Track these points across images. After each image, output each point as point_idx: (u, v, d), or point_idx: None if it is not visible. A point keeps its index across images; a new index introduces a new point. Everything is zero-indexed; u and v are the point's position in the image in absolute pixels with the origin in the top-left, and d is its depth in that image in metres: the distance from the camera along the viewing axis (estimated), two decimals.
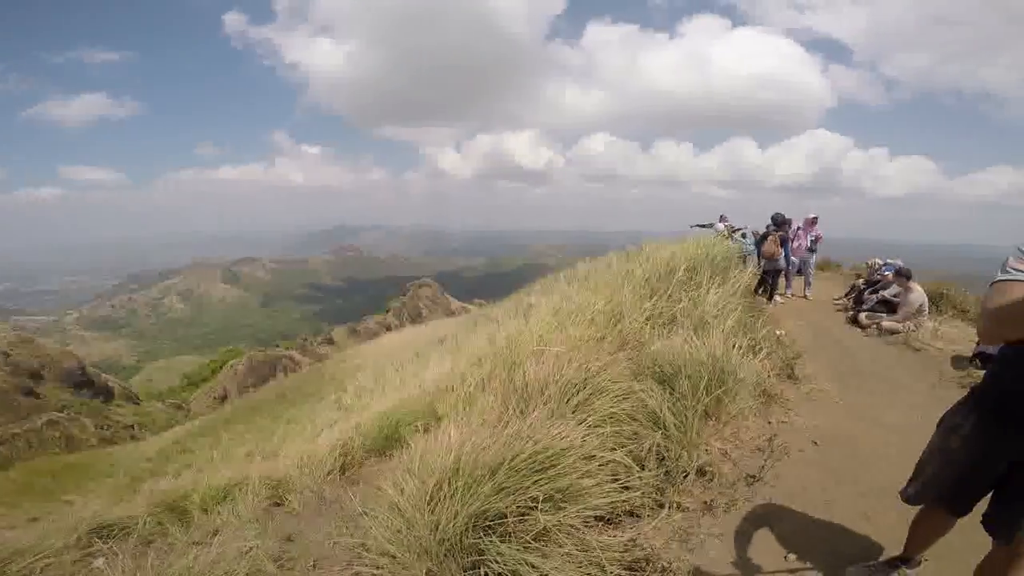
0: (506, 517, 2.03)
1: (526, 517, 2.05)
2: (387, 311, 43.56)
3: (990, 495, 1.83)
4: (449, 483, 2.09)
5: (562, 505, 2.14)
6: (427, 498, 2.09)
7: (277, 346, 40.38)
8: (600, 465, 2.45)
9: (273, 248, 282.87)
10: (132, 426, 24.35)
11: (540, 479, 2.13)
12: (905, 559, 2.22)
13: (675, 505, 2.67)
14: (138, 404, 30.36)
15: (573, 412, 2.73)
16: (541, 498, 2.07)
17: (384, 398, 5.83)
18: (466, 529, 1.99)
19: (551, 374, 3.08)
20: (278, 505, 3.82)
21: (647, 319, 4.53)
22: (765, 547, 2.47)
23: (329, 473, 3.79)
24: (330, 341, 39.04)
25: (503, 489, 2.08)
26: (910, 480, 2.05)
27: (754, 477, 3.03)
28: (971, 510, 1.90)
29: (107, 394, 28.82)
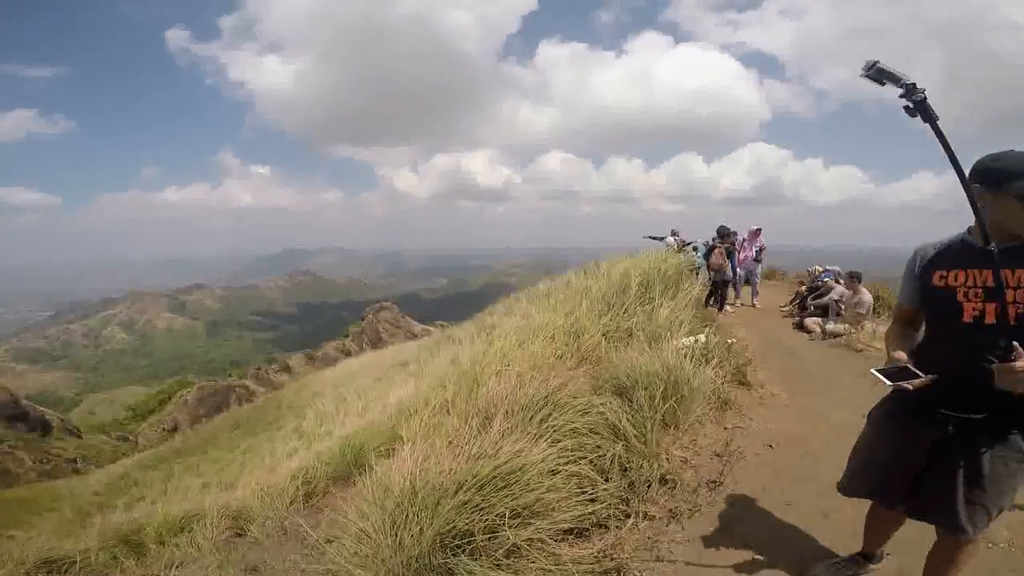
0: (474, 535, 2.04)
1: (495, 534, 2.07)
2: (346, 336, 42.52)
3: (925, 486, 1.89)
4: (410, 504, 2.10)
5: (529, 521, 2.17)
6: (389, 521, 2.09)
7: (230, 375, 38.75)
8: (565, 479, 2.49)
9: (222, 274, 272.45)
10: (75, 460, 22.83)
11: (505, 496, 2.16)
12: (866, 554, 2.30)
13: (641, 514, 2.72)
14: (80, 438, 28.49)
15: (536, 429, 2.77)
16: (507, 514, 2.09)
17: (346, 424, 5.72)
18: (432, 549, 2.00)
19: (513, 392, 3.12)
20: (240, 536, 3.69)
21: (605, 334, 4.66)
22: (732, 551, 2.53)
23: (292, 502, 3.69)
24: (286, 369, 37.73)
25: (467, 507, 2.10)
26: (844, 472, 2.15)
27: (715, 482, 3.12)
28: (899, 501, 1.97)
29: (44, 427, 26.84)
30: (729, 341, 6.01)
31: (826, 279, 8.68)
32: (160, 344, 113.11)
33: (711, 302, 9.06)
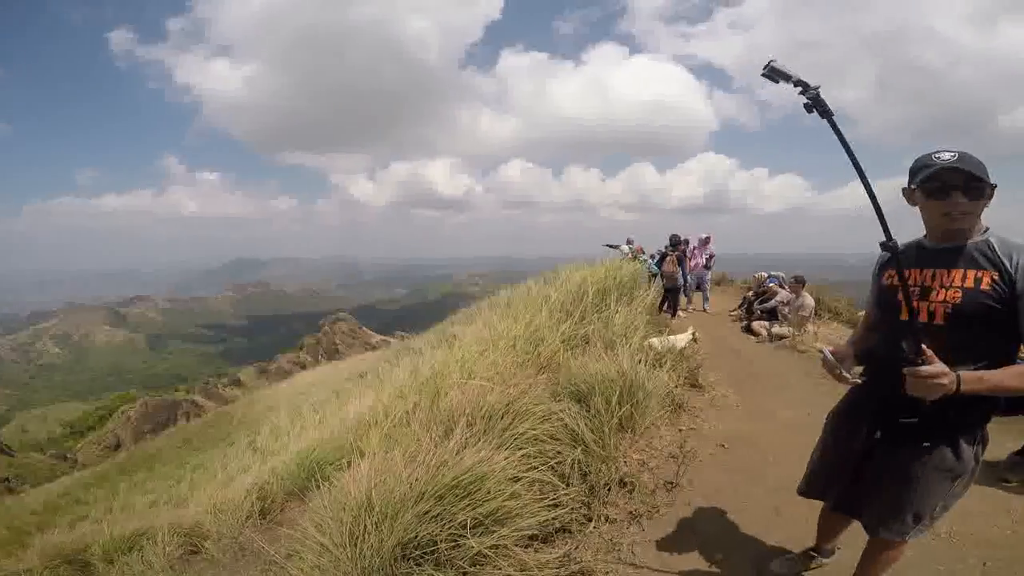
0: (437, 544, 2.05)
1: (458, 543, 2.08)
2: (300, 348, 41.24)
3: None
4: (368, 515, 2.09)
5: (493, 528, 2.19)
6: (348, 533, 2.08)
7: (176, 390, 36.91)
8: (527, 486, 2.53)
9: (166, 285, 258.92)
10: (7, 479, 21.24)
11: (466, 504, 2.18)
12: (818, 549, 2.38)
13: (602, 517, 2.78)
14: (12, 456, 26.48)
15: (497, 437, 2.80)
16: (470, 523, 2.11)
17: (303, 438, 5.56)
18: (394, 559, 1.99)
19: (474, 402, 3.14)
20: (194, 553, 3.57)
21: (563, 341, 4.75)
22: (691, 550, 2.61)
23: (248, 518, 3.58)
24: (237, 383, 36.24)
25: (428, 517, 2.11)
26: (803, 474, 2.19)
27: (671, 483, 3.21)
28: (840, 501, 2.02)
29: None
30: (691, 335, 6.24)
31: (771, 284, 9.12)
32: (98, 359, 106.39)
33: (664, 308, 9.36)
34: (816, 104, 1.44)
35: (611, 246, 11.30)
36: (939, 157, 1.56)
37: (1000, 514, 2.78)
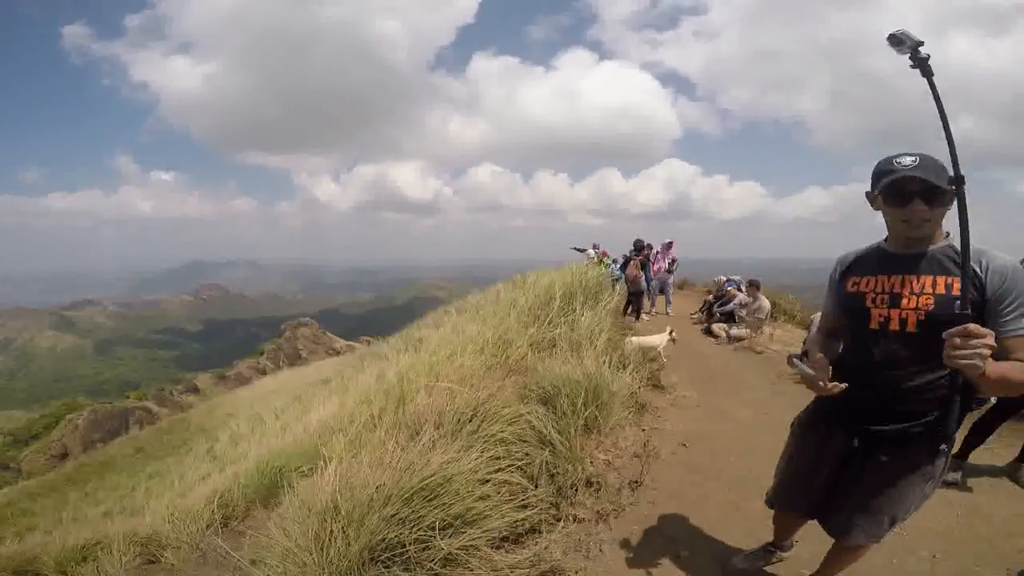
0: (405, 546, 2.06)
1: (428, 545, 2.10)
2: (260, 354, 39.97)
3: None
4: (334, 520, 2.09)
5: (462, 530, 2.21)
6: (314, 537, 2.07)
7: (127, 396, 35.20)
8: (495, 487, 2.56)
9: (117, 289, 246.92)
10: None
11: (435, 507, 2.20)
12: (776, 544, 2.43)
13: (571, 517, 2.83)
14: None
15: (465, 440, 2.82)
16: (439, 525, 2.13)
17: (264, 445, 5.43)
18: (362, 562, 1.99)
19: (442, 405, 3.16)
20: (153, 563, 3.46)
21: (531, 345, 4.81)
22: (656, 547, 2.68)
23: (209, 526, 3.49)
24: (194, 389, 34.82)
25: (396, 519, 2.12)
26: (772, 484, 2.18)
27: (636, 482, 3.28)
28: (814, 512, 2.00)
29: None
30: (670, 334, 6.41)
31: (729, 288, 9.45)
32: (42, 365, 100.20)
33: (628, 311, 9.57)
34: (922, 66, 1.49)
35: (578, 249, 11.55)
36: (900, 163, 1.55)
37: (944, 508, 2.95)
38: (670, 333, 6.49)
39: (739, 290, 9.15)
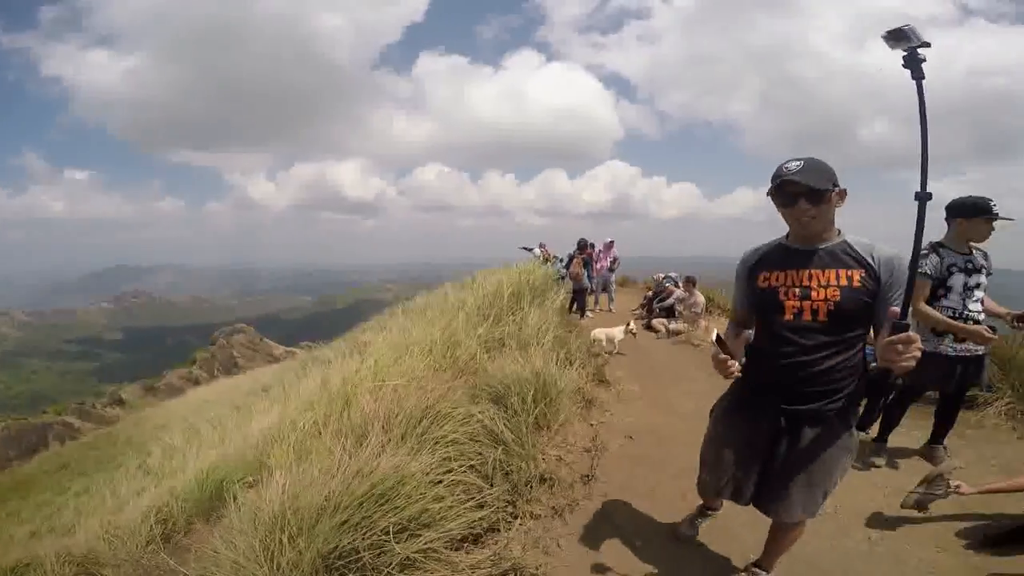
0: (360, 553, 2.02)
1: (383, 550, 2.07)
2: (192, 363, 37.60)
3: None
4: (282, 530, 2.03)
5: (418, 532, 2.20)
6: (262, 548, 2.01)
7: (45, 411, 32.05)
8: (449, 488, 2.55)
9: (26, 296, 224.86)
10: None
11: (387, 511, 2.17)
12: (709, 507, 2.64)
13: (528, 514, 2.87)
14: None
15: (415, 442, 2.80)
16: (392, 529, 2.10)
17: (202, 457, 5.15)
18: (315, 571, 1.95)
19: (390, 408, 3.12)
20: None
21: (480, 344, 4.83)
22: (611, 538, 2.75)
23: (149, 543, 3.29)
24: (119, 402, 32.23)
25: (347, 526, 2.09)
26: (699, 472, 2.29)
27: (587, 476, 3.36)
28: (747, 496, 2.06)
29: None
30: (629, 327, 6.59)
31: (667, 284, 9.86)
32: None
33: (573, 309, 9.78)
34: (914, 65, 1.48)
35: (527, 249, 11.72)
36: (787, 167, 1.72)
37: (872, 490, 3.17)
38: (628, 326, 6.76)
39: (676, 286, 9.56)
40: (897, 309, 1.49)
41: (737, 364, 1.80)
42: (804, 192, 1.71)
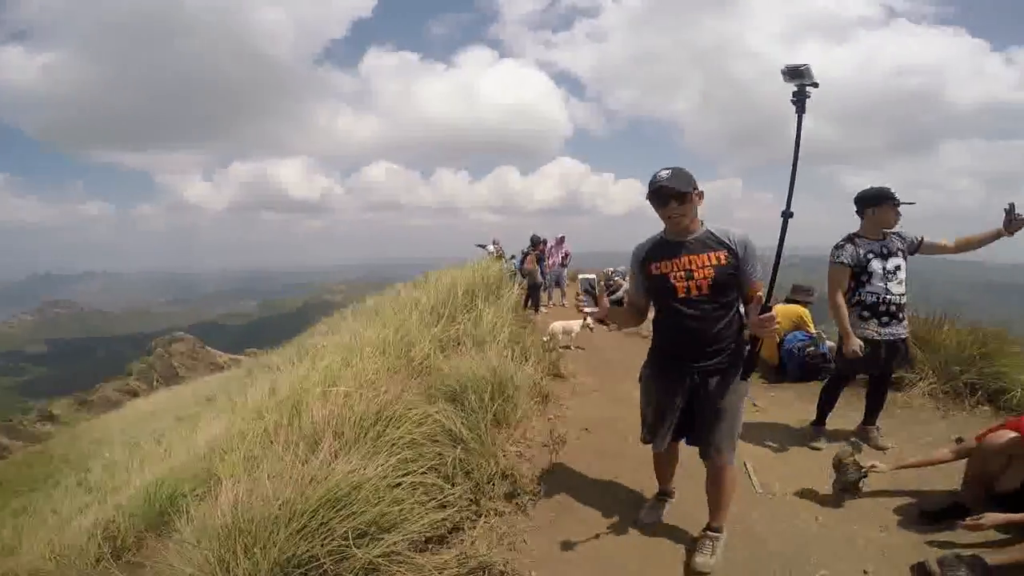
0: (320, 560, 1.98)
1: (344, 556, 2.04)
2: (129, 374, 35.33)
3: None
4: (237, 541, 1.97)
5: (379, 536, 2.17)
6: (216, 560, 1.94)
7: None
8: (409, 490, 2.52)
9: None
10: None
11: (345, 516, 2.13)
12: (664, 491, 2.90)
13: (491, 512, 2.87)
14: None
15: (370, 445, 2.75)
16: (351, 535, 2.07)
17: (147, 471, 4.89)
18: None
19: (341, 413, 3.04)
20: None
21: (435, 344, 4.78)
22: (574, 531, 2.78)
23: (99, 560, 3.11)
24: (50, 417, 29.85)
25: (304, 533, 2.04)
26: (642, 429, 2.66)
27: (548, 470, 3.40)
28: (677, 437, 2.53)
29: None
30: (586, 321, 6.73)
31: (617, 278, 10.11)
32: None
33: (527, 305, 9.86)
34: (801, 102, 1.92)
35: (482, 246, 11.77)
36: (660, 176, 2.17)
37: (816, 472, 3.31)
38: (585, 319, 6.88)
39: (624, 280, 9.79)
40: (761, 284, 2.19)
41: (596, 309, 2.40)
42: (673, 195, 2.17)
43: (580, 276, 2.73)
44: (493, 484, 3.05)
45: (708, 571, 2.39)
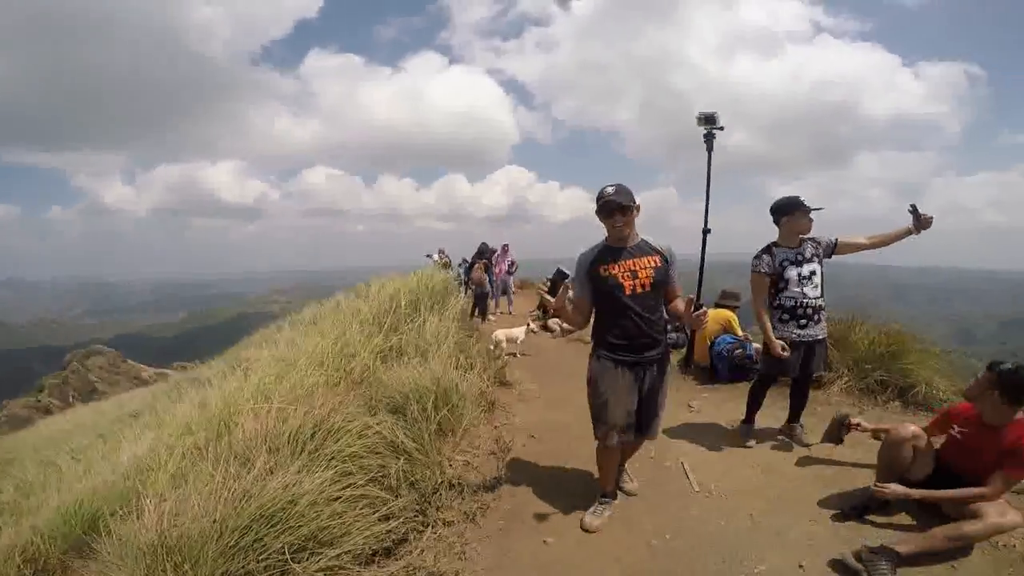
0: None
1: (283, 571, 1.98)
2: (40, 390, 32.24)
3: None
4: (165, 559, 1.88)
5: (319, 551, 2.11)
6: None
7: None
8: (349, 503, 2.46)
9: None
10: None
11: (280, 532, 2.06)
12: (608, 492, 3.03)
13: (440, 522, 2.84)
14: None
15: (306, 460, 2.66)
16: (288, 550, 2.00)
17: (66, 492, 4.51)
18: None
19: (275, 427, 2.94)
20: None
21: (376, 354, 4.68)
22: (524, 537, 2.80)
23: None
24: None
25: (237, 549, 1.96)
26: (593, 420, 2.85)
27: (496, 478, 3.40)
28: (634, 428, 2.77)
29: None
30: (530, 327, 6.82)
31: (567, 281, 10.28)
32: None
33: (475, 313, 9.85)
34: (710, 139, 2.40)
35: (430, 255, 11.71)
36: (607, 191, 2.56)
37: (747, 469, 3.48)
38: (528, 326, 6.93)
39: (569, 287, 9.96)
40: (680, 288, 2.73)
41: (552, 299, 2.70)
42: (618, 208, 2.55)
43: (558, 267, 2.86)
44: (440, 494, 3.03)
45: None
